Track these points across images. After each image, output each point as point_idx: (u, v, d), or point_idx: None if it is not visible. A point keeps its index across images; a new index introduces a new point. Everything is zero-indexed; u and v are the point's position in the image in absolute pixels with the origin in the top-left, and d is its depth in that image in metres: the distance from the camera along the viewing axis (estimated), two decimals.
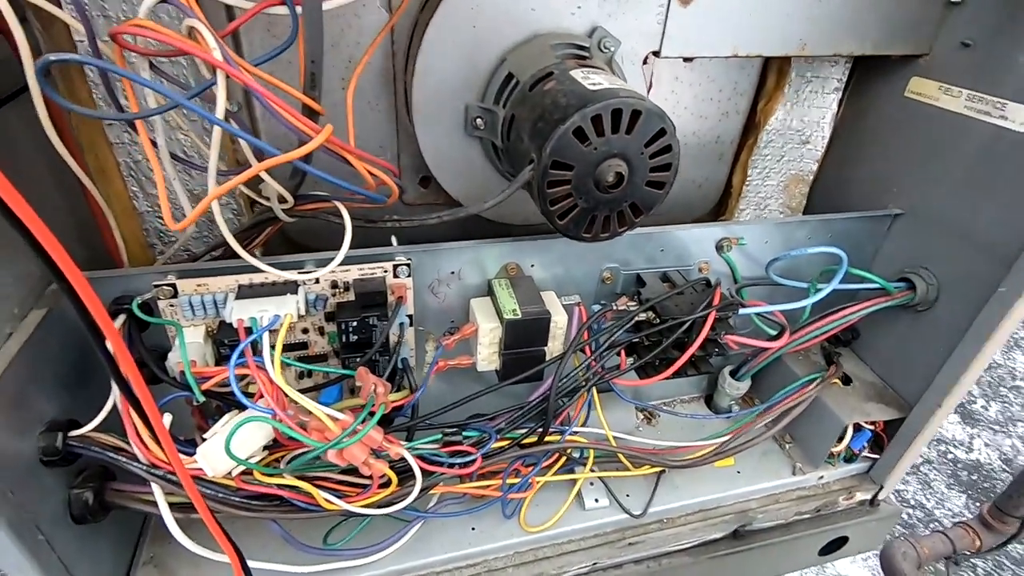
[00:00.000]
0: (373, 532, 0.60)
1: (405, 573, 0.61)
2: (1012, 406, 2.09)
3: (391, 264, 0.56)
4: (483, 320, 0.58)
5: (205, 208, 0.34)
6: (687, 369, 0.65)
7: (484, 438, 0.57)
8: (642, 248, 0.66)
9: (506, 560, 0.64)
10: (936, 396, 0.67)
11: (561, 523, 0.66)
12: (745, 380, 0.80)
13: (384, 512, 0.51)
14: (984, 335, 0.62)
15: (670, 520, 0.70)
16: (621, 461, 0.68)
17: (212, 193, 0.35)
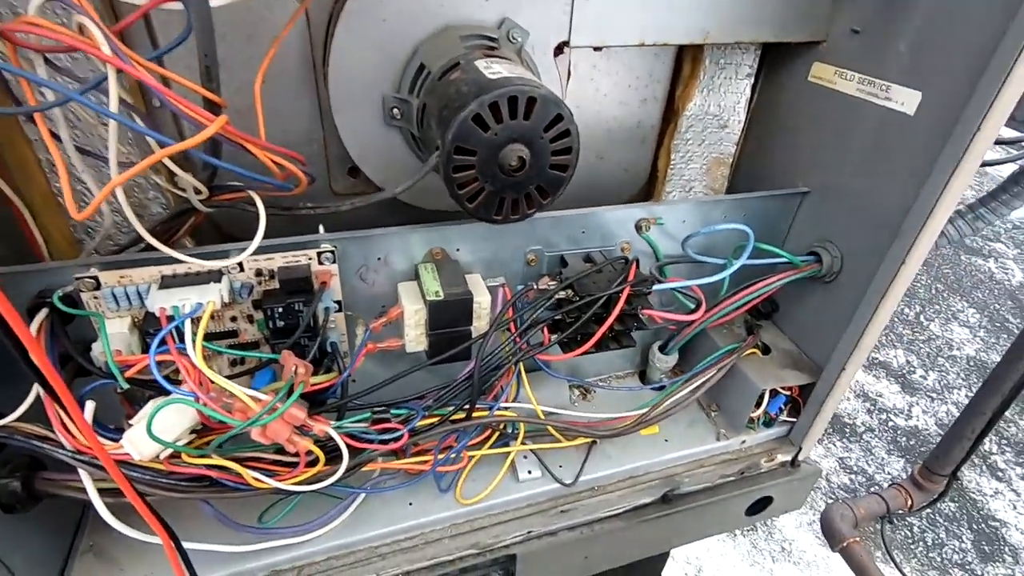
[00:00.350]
0: (312, 510, 0.62)
1: (344, 548, 0.64)
2: (948, 374, 2.22)
3: (315, 252, 0.58)
4: (408, 303, 0.61)
5: (105, 196, 0.36)
6: (608, 343, 0.69)
7: (412, 415, 0.60)
8: (564, 230, 0.69)
9: (442, 532, 0.67)
10: (841, 359, 0.72)
11: (495, 495, 0.69)
12: (673, 354, 0.84)
13: (312, 489, 0.54)
14: (877, 299, 0.68)
15: (601, 488, 0.74)
16: (551, 434, 0.72)
17: (111, 182, 0.36)
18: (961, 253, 3.01)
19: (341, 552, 0.64)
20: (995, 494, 1.79)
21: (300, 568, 0.62)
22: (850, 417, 2.04)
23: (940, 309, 2.57)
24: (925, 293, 2.68)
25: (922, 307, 2.58)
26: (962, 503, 1.76)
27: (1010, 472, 1.88)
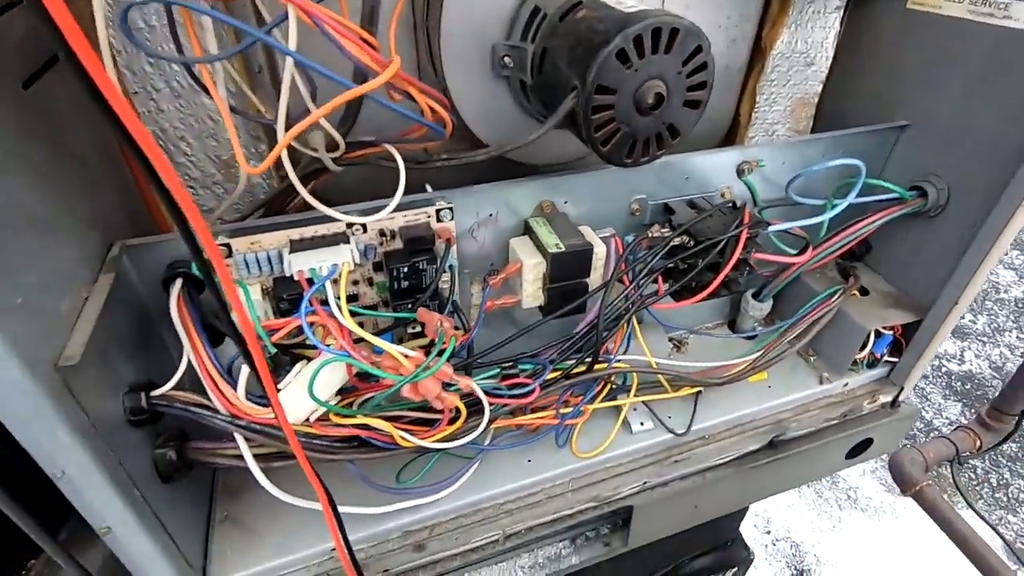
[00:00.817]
0: (438, 470, 0.63)
1: (471, 507, 0.64)
2: (998, 317, 2.19)
3: (434, 209, 0.57)
4: (526, 257, 0.60)
5: (283, 147, 0.35)
6: (720, 290, 0.68)
7: (539, 369, 0.59)
8: (668, 177, 0.68)
9: (564, 486, 0.67)
10: (952, 294, 0.71)
11: (611, 448, 0.69)
12: (767, 301, 0.83)
13: (456, 445, 0.54)
14: (996, 233, 0.66)
15: (711, 436, 0.74)
16: (662, 384, 0.71)
17: (290, 132, 0.35)
18: None
19: (469, 510, 0.64)
20: None
21: (431, 527, 0.63)
22: None
23: None
24: None
25: None
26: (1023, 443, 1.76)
27: None
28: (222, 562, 0.58)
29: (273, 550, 0.59)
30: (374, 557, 0.61)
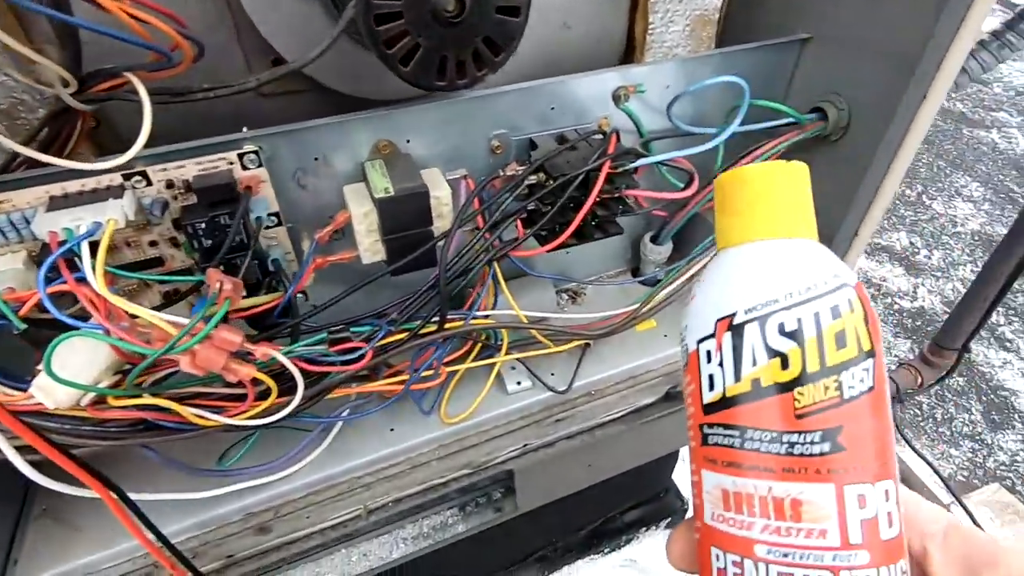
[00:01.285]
0: (281, 446, 0.57)
1: (324, 482, 0.59)
2: (953, 252, 2.16)
3: (235, 153, 0.49)
4: (354, 205, 0.52)
5: None
6: (592, 232, 0.61)
7: (375, 332, 0.53)
8: (531, 107, 0.60)
9: (430, 454, 0.62)
10: (854, 221, 0.65)
11: (482, 410, 0.64)
12: (666, 243, 0.77)
13: (267, 423, 0.47)
14: (894, 148, 0.59)
15: (599, 392, 0.69)
16: (539, 340, 0.65)
17: None
18: (963, 127, 2.87)
19: (321, 486, 0.59)
20: (1004, 364, 1.78)
21: (277, 508, 0.57)
22: None
23: (943, 187, 2.48)
24: (927, 172, 2.57)
25: (924, 187, 2.49)
26: (970, 377, 1.75)
27: (1018, 342, 1.86)
28: (31, 560, 0.52)
29: (93, 544, 0.53)
30: (211, 543, 0.55)
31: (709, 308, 0.23)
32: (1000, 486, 1.48)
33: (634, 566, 1.23)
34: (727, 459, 0.22)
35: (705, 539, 0.23)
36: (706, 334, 0.23)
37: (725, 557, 0.22)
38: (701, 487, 0.23)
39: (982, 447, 1.56)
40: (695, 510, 0.24)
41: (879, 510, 0.20)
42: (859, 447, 0.21)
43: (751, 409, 0.21)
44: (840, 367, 0.21)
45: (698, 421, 0.23)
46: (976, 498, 1.26)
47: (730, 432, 0.22)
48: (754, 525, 0.21)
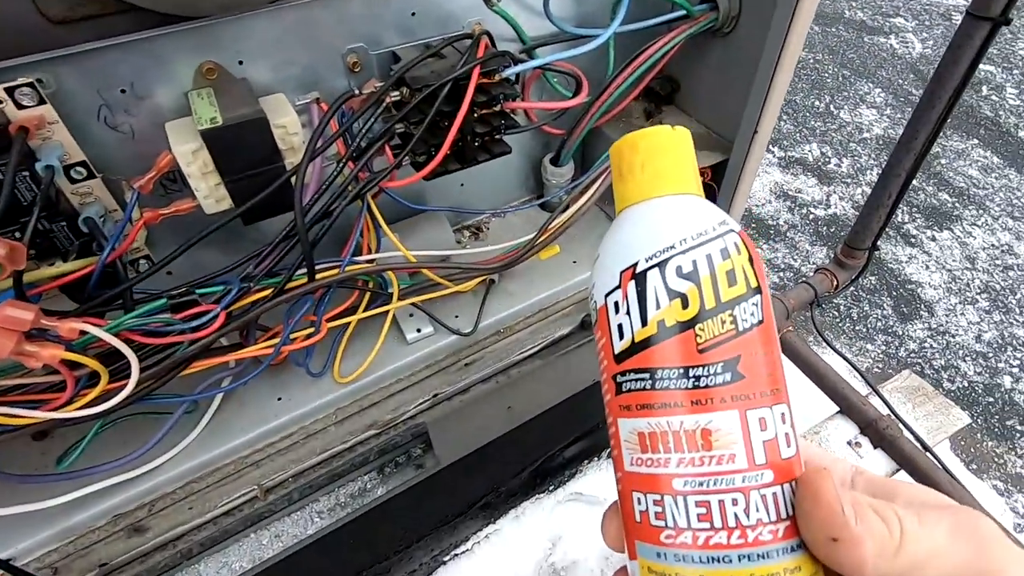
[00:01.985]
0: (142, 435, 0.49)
1: (204, 467, 0.52)
2: (861, 158, 2.23)
3: (2, 88, 0.39)
4: (177, 142, 0.43)
5: None
6: (477, 154, 0.55)
7: (228, 291, 0.45)
8: (385, 13, 0.52)
9: (325, 420, 0.56)
10: (752, 118, 0.61)
11: (379, 364, 0.58)
12: (567, 164, 0.71)
13: (98, 411, 0.40)
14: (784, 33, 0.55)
15: (508, 329, 0.65)
16: (435, 280, 0.59)
17: None
18: (864, 35, 2.93)
19: (202, 472, 0.52)
20: (909, 259, 1.88)
21: (150, 504, 0.50)
22: (772, 219, 2.05)
23: (848, 95, 2.54)
24: (833, 82, 2.63)
25: (831, 96, 2.54)
26: (880, 275, 1.84)
27: (921, 236, 1.96)
28: None
29: None
30: (75, 554, 0.48)
31: (613, 262, 0.25)
32: (911, 372, 1.58)
33: (580, 499, 1.23)
34: (641, 402, 0.23)
35: (626, 487, 0.23)
36: (612, 286, 0.24)
37: (646, 499, 0.23)
38: (619, 437, 0.24)
39: (894, 339, 1.65)
40: (614, 462, 0.25)
41: (778, 432, 0.22)
42: (756, 375, 0.22)
43: (659, 350, 0.23)
44: (732, 303, 0.23)
45: (611, 373, 0.24)
46: (890, 386, 1.33)
47: (641, 376, 0.23)
48: (670, 461, 0.22)
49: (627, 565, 0.25)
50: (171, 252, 0.44)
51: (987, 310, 1.73)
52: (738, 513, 0.21)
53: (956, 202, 2.08)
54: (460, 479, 1.02)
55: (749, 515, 0.21)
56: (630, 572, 0.24)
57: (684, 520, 0.22)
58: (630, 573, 0.24)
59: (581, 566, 1.18)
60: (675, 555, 0.22)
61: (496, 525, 1.19)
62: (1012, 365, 1.61)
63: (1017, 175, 2.19)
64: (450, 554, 1.16)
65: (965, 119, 2.42)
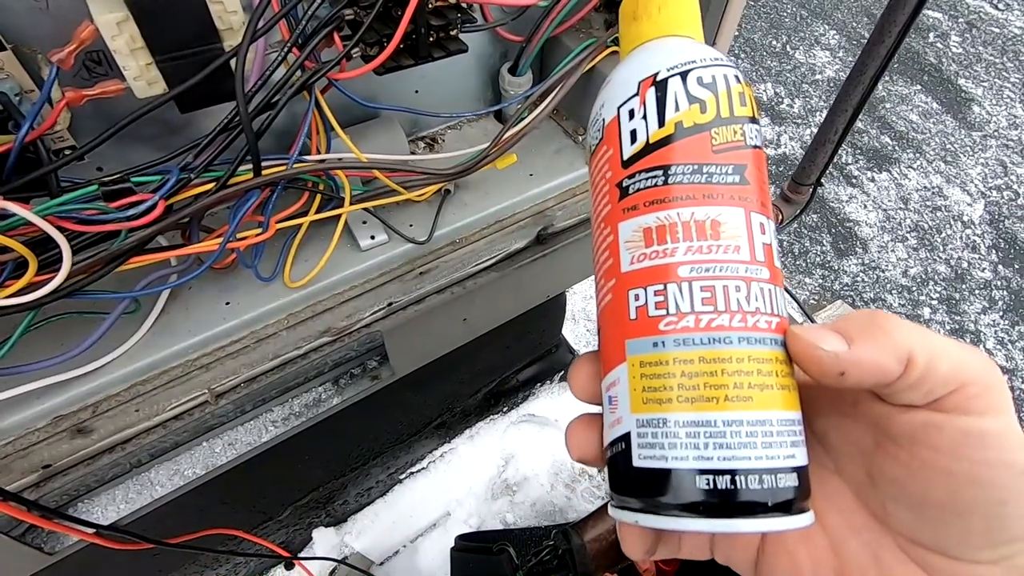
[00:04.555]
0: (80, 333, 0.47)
1: (150, 369, 0.51)
2: (812, 99, 2.28)
3: None
4: (100, 11, 0.40)
5: None
6: (431, 50, 0.53)
7: (166, 181, 0.43)
8: None
9: (277, 325, 0.55)
10: (712, 24, 0.61)
11: (331, 270, 0.57)
12: (525, 74, 0.69)
13: (23, 302, 0.38)
14: None
15: (464, 239, 0.64)
16: (389, 186, 0.58)
17: None
18: None
19: (149, 374, 0.51)
20: (849, 199, 1.96)
21: (95, 405, 0.49)
22: None
23: (804, 36, 2.56)
24: (791, 22, 2.63)
25: (788, 36, 2.56)
26: (822, 213, 1.92)
27: (862, 177, 2.05)
28: None
29: None
30: (13, 455, 0.47)
31: (630, 76, 0.26)
32: (843, 303, 1.68)
33: (533, 419, 1.29)
34: (651, 199, 0.24)
35: (621, 289, 0.24)
36: (629, 95, 0.25)
37: (645, 293, 0.24)
38: (617, 243, 0.25)
39: (830, 273, 1.75)
40: (604, 275, 0.26)
41: (772, 241, 0.24)
42: (757, 185, 0.24)
43: (676, 148, 0.24)
44: (741, 120, 0.25)
45: (616, 180, 0.25)
46: (823, 315, 1.42)
47: (654, 173, 0.24)
48: (677, 250, 0.23)
49: (607, 381, 0.25)
50: (98, 135, 0.41)
51: (915, 247, 1.85)
52: (740, 299, 0.23)
53: (896, 145, 2.17)
54: (415, 397, 1.04)
55: (750, 302, 0.23)
56: (610, 383, 0.25)
57: (688, 305, 0.23)
58: (610, 384, 0.25)
59: (532, 481, 1.25)
60: (674, 340, 0.23)
61: (451, 444, 1.23)
62: (932, 298, 1.73)
63: (953, 121, 2.29)
64: (406, 472, 1.21)
65: (911, 65, 2.48)
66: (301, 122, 0.50)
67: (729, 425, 0.21)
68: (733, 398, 0.22)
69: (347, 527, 1.14)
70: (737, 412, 0.21)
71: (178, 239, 0.51)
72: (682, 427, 0.22)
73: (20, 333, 0.42)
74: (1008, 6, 2.82)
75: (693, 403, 0.22)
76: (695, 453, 0.21)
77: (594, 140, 0.27)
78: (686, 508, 0.21)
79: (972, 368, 0.20)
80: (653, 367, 0.23)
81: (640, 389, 0.23)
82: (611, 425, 0.24)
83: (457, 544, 0.97)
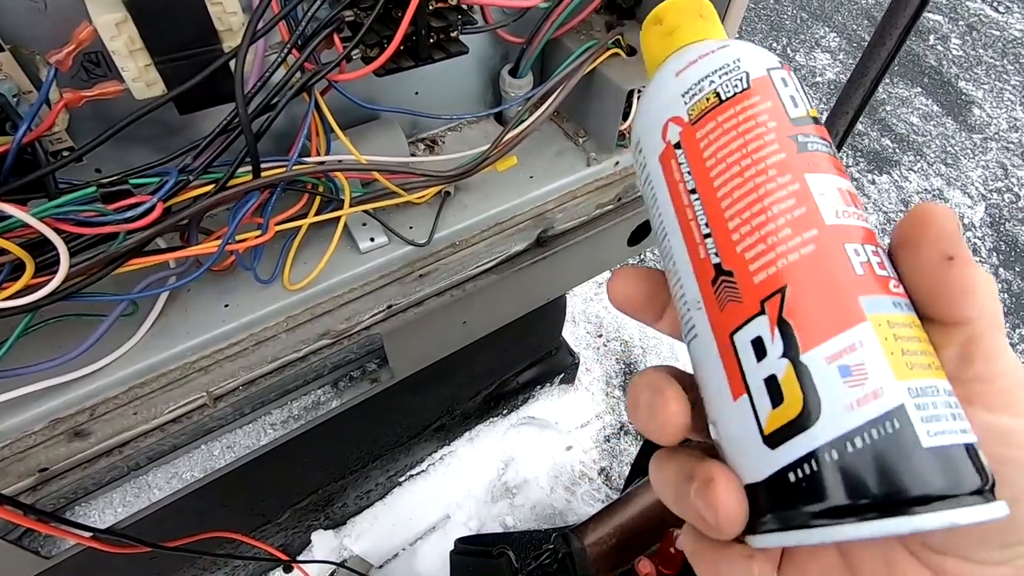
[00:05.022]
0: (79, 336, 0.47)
1: (148, 372, 0.51)
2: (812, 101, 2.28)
3: None
4: (99, 12, 0.39)
5: None
6: (432, 52, 0.52)
7: (165, 183, 0.43)
8: None
9: (276, 327, 0.55)
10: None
11: (331, 272, 0.57)
12: (526, 75, 0.69)
13: (19, 304, 0.37)
14: None
15: (464, 242, 0.64)
16: (389, 188, 0.58)
17: None
18: None
19: (147, 377, 0.51)
20: None
21: (92, 408, 0.49)
22: None
23: (805, 39, 2.56)
24: (791, 24, 2.63)
25: (788, 39, 2.56)
26: None
27: (863, 179, 2.04)
28: None
29: None
30: (10, 459, 0.46)
31: (758, 53, 0.25)
32: None
33: (533, 422, 1.28)
34: (830, 164, 0.23)
35: (831, 241, 0.21)
36: (774, 65, 0.25)
37: (864, 249, 0.21)
38: (809, 192, 0.22)
39: None
40: (794, 221, 0.21)
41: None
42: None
43: (821, 128, 0.24)
44: None
45: (790, 132, 0.23)
46: None
47: (823, 141, 0.23)
48: (866, 217, 0.22)
49: (827, 350, 0.19)
50: (97, 136, 0.41)
51: None
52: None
53: (897, 147, 2.17)
54: (415, 400, 1.04)
55: None
56: (838, 351, 0.19)
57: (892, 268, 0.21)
58: (840, 351, 0.19)
59: (532, 484, 1.24)
60: (906, 303, 0.21)
61: (451, 447, 1.23)
62: None
63: (954, 123, 2.29)
64: (406, 474, 1.20)
65: (911, 67, 2.48)
66: (301, 124, 0.50)
67: (951, 394, 0.19)
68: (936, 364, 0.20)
69: (346, 530, 1.14)
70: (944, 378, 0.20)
71: (177, 241, 0.51)
72: (949, 395, 0.19)
73: (17, 336, 0.41)
74: (1008, 9, 2.83)
75: (940, 369, 0.20)
76: (962, 425, 0.19)
77: (732, 88, 0.24)
78: (976, 493, 0.18)
79: (1002, 364, 0.19)
80: (903, 328, 0.19)
81: (899, 352, 0.19)
82: (857, 403, 0.18)
83: (456, 547, 0.97)
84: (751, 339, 0.21)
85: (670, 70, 0.27)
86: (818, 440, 0.18)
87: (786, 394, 0.19)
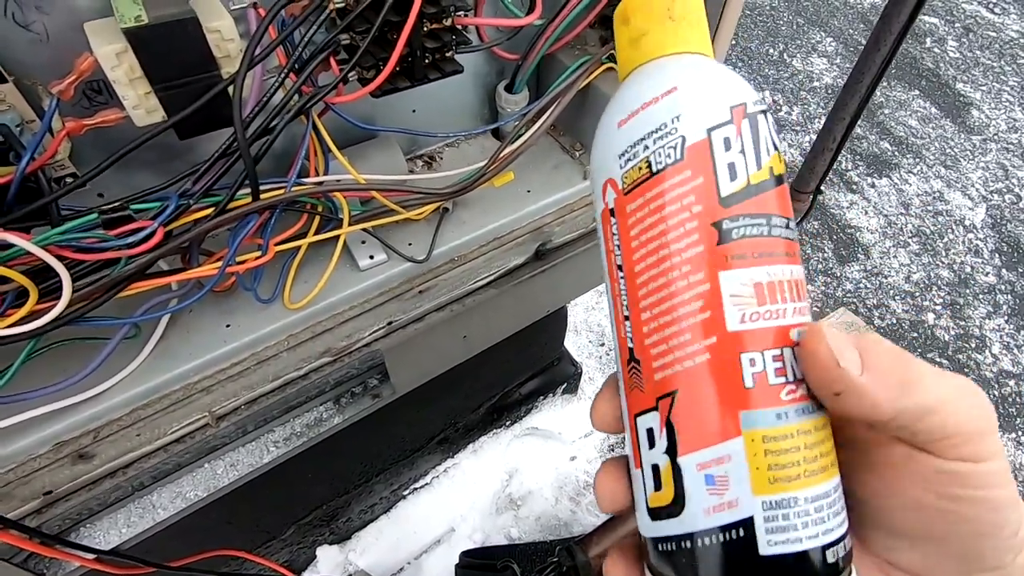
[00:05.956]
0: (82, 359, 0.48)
1: (150, 394, 0.51)
2: (810, 106, 2.28)
3: None
4: (99, 43, 0.40)
5: None
6: (427, 72, 0.53)
7: (164, 207, 0.43)
8: None
9: (277, 346, 0.56)
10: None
11: (332, 291, 0.57)
12: (521, 91, 0.70)
13: (24, 331, 0.38)
14: None
15: (462, 257, 0.64)
16: (387, 206, 0.58)
17: None
18: None
19: (150, 399, 0.51)
20: (850, 205, 1.96)
21: (96, 430, 0.49)
22: None
23: (801, 44, 2.57)
24: (787, 30, 2.65)
25: (785, 44, 2.57)
26: (823, 220, 1.92)
27: (863, 183, 2.04)
28: None
29: None
30: (15, 483, 0.47)
31: (718, 96, 0.22)
32: (846, 309, 1.68)
33: (536, 433, 1.28)
34: (759, 250, 0.21)
35: (728, 351, 0.21)
36: (722, 121, 0.22)
37: (763, 357, 0.21)
38: (718, 294, 0.21)
39: (832, 279, 1.75)
40: (694, 327, 0.21)
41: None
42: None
43: (773, 195, 0.22)
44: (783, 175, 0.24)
45: (712, 218, 0.21)
46: (827, 321, 1.41)
47: (758, 221, 0.21)
48: (787, 311, 0.21)
49: (701, 457, 0.21)
50: (98, 164, 0.41)
51: (917, 253, 1.85)
52: None
53: (896, 150, 2.17)
54: (418, 413, 1.04)
55: None
56: (710, 460, 0.21)
57: (801, 370, 0.21)
58: (711, 461, 0.21)
59: (536, 495, 1.24)
60: (796, 410, 0.21)
61: (455, 459, 1.23)
62: (935, 303, 1.73)
63: (952, 125, 2.29)
64: (410, 488, 1.20)
65: (908, 70, 2.49)
66: (299, 145, 0.51)
67: (837, 490, 0.21)
68: (833, 463, 0.21)
69: (351, 544, 1.14)
70: (837, 475, 0.21)
71: (178, 263, 0.51)
72: (811, 503, 0.20)
73: (22, 361, 0.42)
74: (1004, 10, 2.84)
75: (816, 476, 0.20)
76: (822, 528, 0.20)
77: (671, 157, 0.22)
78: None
79: (974, 421, 0.20)
80: (778, 441, 0.20)
81: (765, 468, 0.20)
82: (713, 509, 0.21)
83: (461, 560, 0.97)
84: (647, 428, 0.23)
85: (614, 116, 0.25)
86: (680, 529, 0.21)
87: (663, 484, 0.22)
